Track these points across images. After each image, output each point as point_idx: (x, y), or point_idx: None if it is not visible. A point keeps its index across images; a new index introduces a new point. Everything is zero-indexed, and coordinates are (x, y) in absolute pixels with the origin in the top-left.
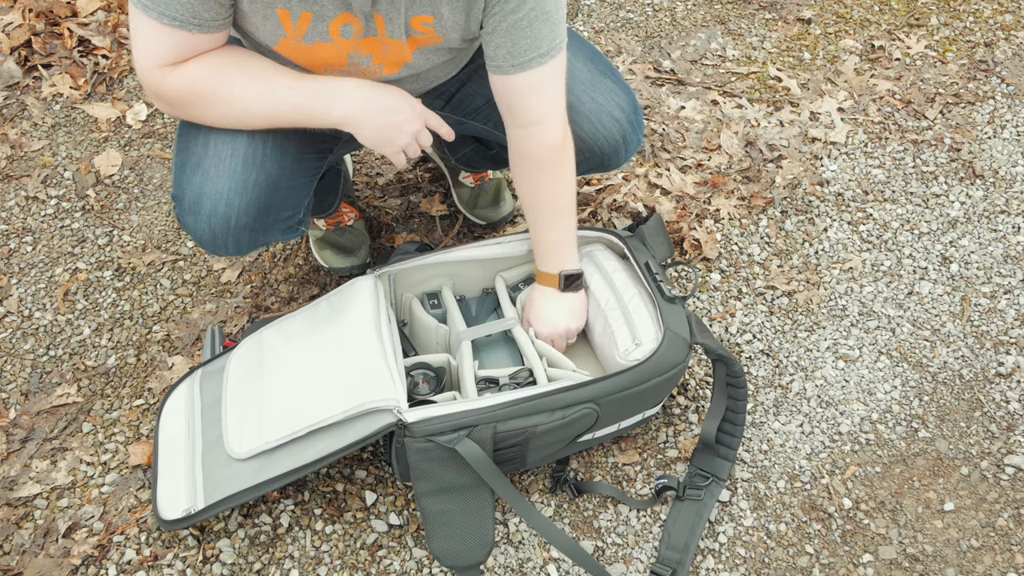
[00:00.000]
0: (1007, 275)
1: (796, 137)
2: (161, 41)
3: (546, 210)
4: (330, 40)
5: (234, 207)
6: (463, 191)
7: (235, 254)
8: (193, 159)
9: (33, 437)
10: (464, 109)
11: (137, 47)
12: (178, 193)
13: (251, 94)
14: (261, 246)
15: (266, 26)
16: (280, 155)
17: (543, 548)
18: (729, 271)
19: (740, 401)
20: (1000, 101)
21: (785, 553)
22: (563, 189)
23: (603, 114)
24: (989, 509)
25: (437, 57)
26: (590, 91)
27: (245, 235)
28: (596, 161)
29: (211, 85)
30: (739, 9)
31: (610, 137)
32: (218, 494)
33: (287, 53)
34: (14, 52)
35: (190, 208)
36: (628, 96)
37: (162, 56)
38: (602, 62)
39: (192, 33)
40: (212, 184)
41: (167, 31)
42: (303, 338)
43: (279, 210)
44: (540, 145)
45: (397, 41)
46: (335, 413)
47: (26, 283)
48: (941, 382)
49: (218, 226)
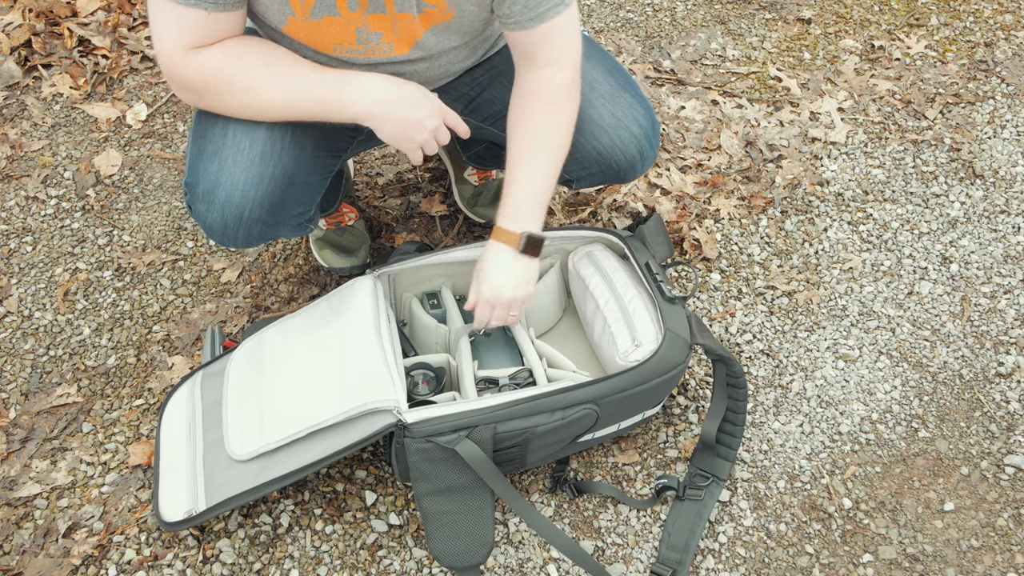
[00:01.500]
0: (1007, 275)
1: (796, 137)
2: (180, 23)
3: (536, 152)
4: (338, 13)
5: (249, 199)
6: (466, 188)
7: (243, 246)
8: (211, 147)
9: (33, 437)
10: (483, 114)
11: (156, 32)
12: (192, 180)
13: (273, 85)
14: (269, 240)
15: (274, 5)
16: (298, 151)
17: (543, 548)
18: (729, 271)
19: (740, 401)
20: (1000, 101)
21: (785, 553)
22: (561, 130)
23: (622, 129)
24: (989, 509)
25: (449, 40)
26: (610, 106)
27: (257, 228)
28: (612, 174)
29: (232, 72)
30: (739, 9)
31: (628, 152)
32: (219, 495)
33: (296, 33)
34: (14, 52)
35: (203, 196)
36: (647, 111)
37: (182, 39)
38: (622, 75)
39: (209, 12)
40: (228, 174)
41: (183, 11)
42: (303, 339)
43: (292, 206)
44: (552, 84)
45: (407, 15)
46: (335, 414)
47: (26, 283)
48: (941, 382)
49: (231, 216)
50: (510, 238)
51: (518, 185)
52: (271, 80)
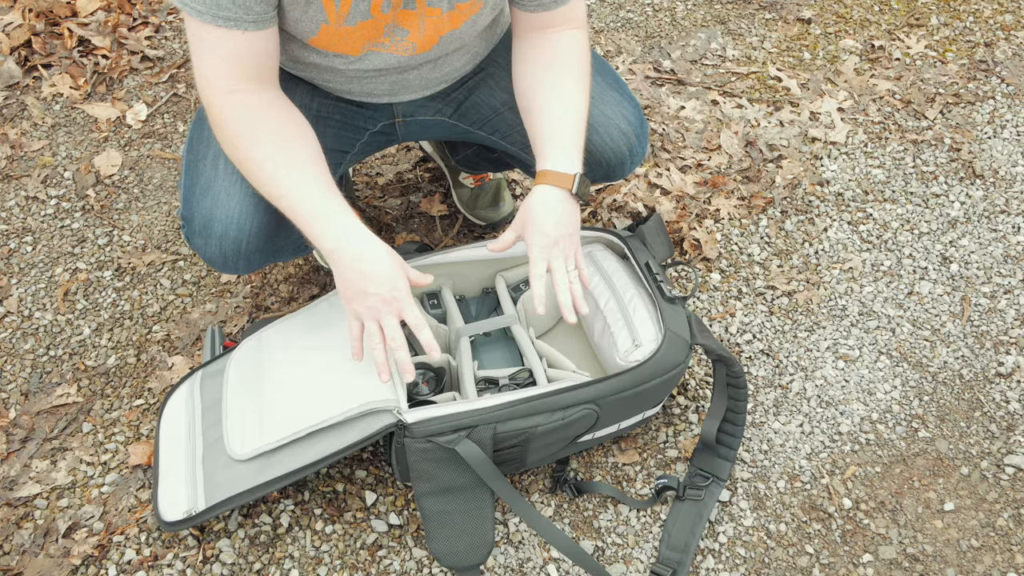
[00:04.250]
0: (1007, 275)
1: (796, 137)
2: (219, 49)
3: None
4: (370, 17)
5: (244, 231)
6: (463, 191)
7: (246, 272)
8: (203, 180)
9: (33, 437)
10: (471, 118)
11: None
12: (187, 215)
13: (269, 172)
14: (272, 263)
15: (306, 16)
16: None
17: (543, 548)
18: (729, 271)
19: (740, 402)
20: (1000, 101)
21: (785, 553)
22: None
23: (611, 127)
24: (989, 509)
25: (462, 37)
26: (598, 103)
27: (256, 257)
28: (602, 172)
29: (244, 135)
30: (739, 9)
31: (617, 150)
32: (219, 495)
33: (325, 42)
34: (14, 52)
35: (200, 231)
36: (635, 109)
37: (222, 69)
38: (609, 74)
39: (245, 32)
40: (223, 208)
41: (221, 34)
42: (303, 338)
43: (289, 231)
44: (566, 37)
45: (435, 9)
46: (336, 414)
47: (26, 283)
48: (941, 382)
49: (229, 249)
50: (563, 180)
51: (558, 123)
52: (271, 167)
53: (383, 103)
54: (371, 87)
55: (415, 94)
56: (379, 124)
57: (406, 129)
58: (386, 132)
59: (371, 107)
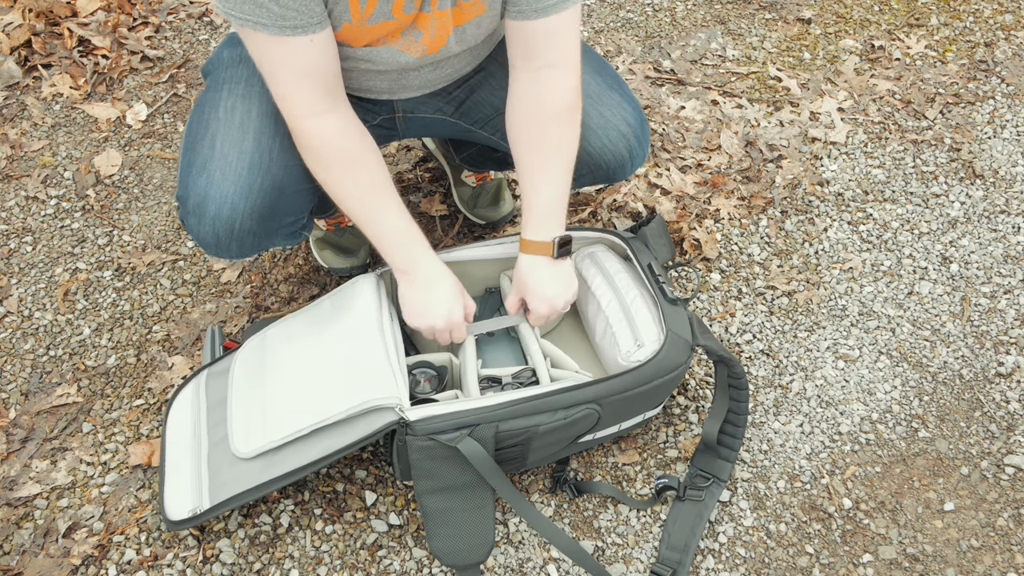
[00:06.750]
0: (1007, 275)
1: (796, 137)
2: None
3: (550, 166)
4: (391, 17)
5: (238, 211)
6: (464, 190)
7: (237, 257)
8: (199, 160)
9: (33, 437)
10: (473, 117)
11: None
12: (182, 194)
13: (353, 197)
14: (264, 250)
15: (332, 15)
16: (287, 161)
17: (543, 548)
18: (729, 271)
19: (741, 403)
20: (1000, 101)
21: (785, 553)
22: (571, 143)
23: (610, 129)
24: (989, 509)
25: (467, 40)
26: (598, 105)
27: (248, 239)
28: (602, 175)
29: (327, 164)
30: (739, 9)
31: (617, 152)
32: (224, 494)
33: (344, 36)
34: (14, 52)
35: (194, 210)
36: (635, 110)
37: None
38: (609, 74)
39: (312, 38)
40: (217, 187)
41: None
42: (306, 337)
43: (283, 215)
44: (555, 90)
45: (443, 11)
46: (338, 411)
47: (26, 283)
48: (941, 382)
49: (222, 230)
50: (543, 248)
51: (537, 196)
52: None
53: (383, 99)
54: (371, 84)
55: (414, 92)
56: (379, 118)
57: (406, 124)
58: (386, 126)
59: (371, 101)
